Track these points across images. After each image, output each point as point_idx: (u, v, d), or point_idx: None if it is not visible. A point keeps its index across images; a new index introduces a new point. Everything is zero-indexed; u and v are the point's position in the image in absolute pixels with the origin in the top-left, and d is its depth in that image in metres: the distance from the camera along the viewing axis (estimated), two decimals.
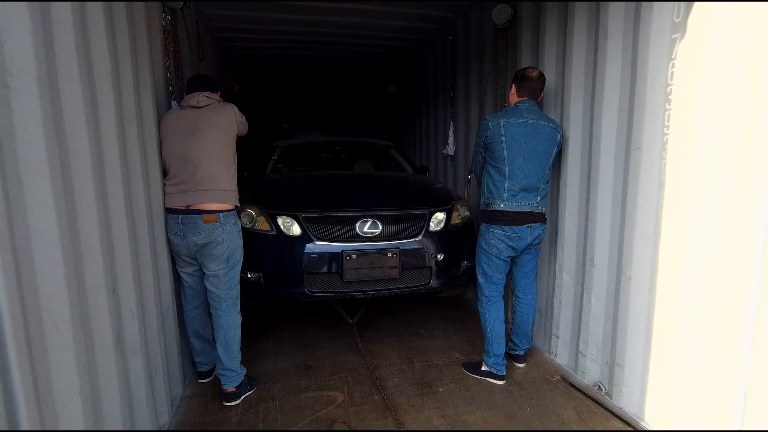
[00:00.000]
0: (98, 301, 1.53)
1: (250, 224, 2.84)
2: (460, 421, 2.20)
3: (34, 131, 1.18)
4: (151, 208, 2.10)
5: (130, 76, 1.88)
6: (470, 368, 2.68)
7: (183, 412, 2.31)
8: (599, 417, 2.22)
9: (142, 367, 1.91)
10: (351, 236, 2.82)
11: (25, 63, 1.16)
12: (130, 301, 1.82)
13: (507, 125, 2.38)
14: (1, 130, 1.06)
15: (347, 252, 2.75)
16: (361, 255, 2.77)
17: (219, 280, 2.30)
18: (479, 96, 3.85)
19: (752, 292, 1.60)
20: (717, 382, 1.76)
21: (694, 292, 1.85)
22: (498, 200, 2.45)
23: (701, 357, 1.83)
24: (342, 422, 2.20)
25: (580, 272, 2.57)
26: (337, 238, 2.81)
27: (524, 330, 2.72)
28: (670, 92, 1.90)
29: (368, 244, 2.82)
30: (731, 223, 1.68)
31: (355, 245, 2.80)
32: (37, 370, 1.19)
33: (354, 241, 2.82)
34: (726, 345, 1.72)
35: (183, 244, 2.26)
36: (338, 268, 2.76)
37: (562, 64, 2.61)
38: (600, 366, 2.44)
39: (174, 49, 2.69)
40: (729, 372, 1.71)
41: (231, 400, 2.35)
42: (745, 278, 1.63)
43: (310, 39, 4.86)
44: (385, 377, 2.65)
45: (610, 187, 2.30)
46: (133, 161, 1.91)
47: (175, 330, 2.38)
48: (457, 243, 3.06)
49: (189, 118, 2.24)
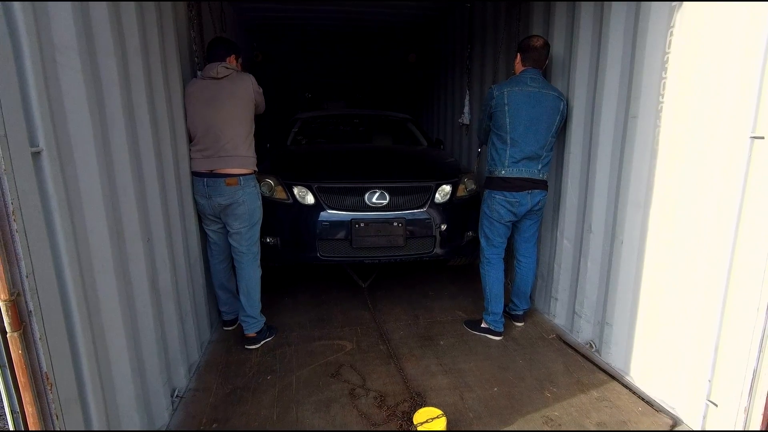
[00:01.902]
0: (136, 248, 1.78)
1: (269, 193, 3.07)
2: (455, 369, 2.41)
3: (79, 100, 1.39)
4: (179, 170, 2.33)
5: (157, 49, 2.07)
6: (471, 325, 2.87)
7: (210, 353, 2.62)
8: (585, 370, 2.38)
9: (174, 311, 2.18)
10: (360, 206, 3.02)
11: (69, 40, 1.35)
12: (163, 252, 2.07)
13: (510, 94, 2.47)
14: (53, 99, 1.27)
15: (356, 220, 2.96)
16: (369, 223, 2.97)
17: (241, 237, 2.55)
18: (494, 65, 3.88)
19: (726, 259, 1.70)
20: (694, 339, 1.89)
21: (679, 257, 1.95)
22: (500, 167, 2.56)
23: (681, 316, 1.95)
24: (349, 366, 2.45)
25: (579, 238, 2.68)
26: (347, 207, 3.01)
27: (524, 291, 2.88)
28: (667, 60, 1.95)
29: (376, 214, 3.01)
30: (716, 192, 1.76)
31: (363, 214, 2.99)
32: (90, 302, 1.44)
33: (363, 210, 3.01)
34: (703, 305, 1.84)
35: (208, 205, 2.50)
36: (348, 235, 2.97)
37: (570, 33, 2.64)
38: (592, 325, 2.59)
39: (197, 21, 2.86)
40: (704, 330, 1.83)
41: (252, 344, 2.65)
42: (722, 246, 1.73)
43: (332, 8, 4.91)
44: (391, 330, 2.88)
45: (609, 155, 2.37)
46: (162, 127, 2.12)
47: (202, 282, 2.66)
48: (462, 214, 3.20)
49: (209, 89, 2.43)
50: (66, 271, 1.29)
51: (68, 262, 1.30)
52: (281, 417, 2.04)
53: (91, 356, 1.39)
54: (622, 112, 2.26)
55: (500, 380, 2.31)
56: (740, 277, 1.67)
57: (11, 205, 1.04)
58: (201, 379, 2.35)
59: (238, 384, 2.30)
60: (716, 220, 1.75)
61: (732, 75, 1.67)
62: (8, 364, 1.12)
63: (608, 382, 2.28)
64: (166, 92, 2.17)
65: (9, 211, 1.03)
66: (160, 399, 1.95)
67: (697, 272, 1.85)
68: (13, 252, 1.06)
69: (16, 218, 1.05)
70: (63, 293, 1.28)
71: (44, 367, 1.14)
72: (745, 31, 1.62)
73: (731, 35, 1.67)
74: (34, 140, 1.17)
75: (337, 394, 2.21)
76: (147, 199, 1.92)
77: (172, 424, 2.00)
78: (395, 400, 2.15)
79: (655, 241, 2.07)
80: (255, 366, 2.47)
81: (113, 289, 1.57)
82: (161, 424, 1.96)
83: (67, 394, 1.24)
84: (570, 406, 2.10)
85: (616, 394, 2.19)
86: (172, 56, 2.30)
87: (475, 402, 2.14)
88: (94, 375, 1.41)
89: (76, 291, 1.33)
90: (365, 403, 2.13)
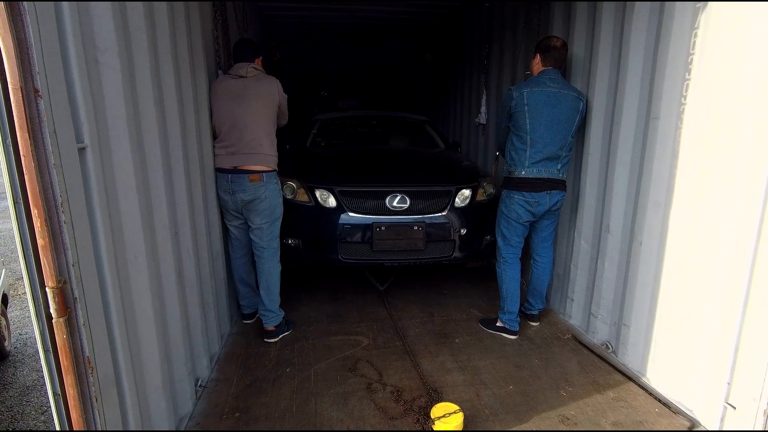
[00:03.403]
0: (164, 240, 1.84)
1: (291, 195, 3.11)
2: (471, 366, 2.44)
3: (117, 99, 1.45)
4: (204, 166, 2.40)
5: (185, 48, 2.13)
6: (486, 324, 2.89)
7: (230, 345, 2.68)
8: (601, 371, 2.39)
9: (197, 302, 2.25)
10: (381, 209, 3.05)
11: (109, 41, 1.41)
12: (188, 245, 2.14)
13: (530, 95, 2.48)
14: (96, 96, 1.34)
15: (377, 224, 2.99)
16: (389, 227, 3.01)
17: (262, 233, 2.61)
18: (513, 65, 3.88)
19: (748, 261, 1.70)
20: (713, 341, 1.89)
21: (699, 258, 1.95)
22: (519, 167, 2.57)
23: (701, 317, 1.95)
24: (366, 361, 2.50)
25: (596, 238, 2.68)
26: (368, 210, 3.05)
27: (540, 291, 2.89)
28: (691, 62, 1.94)
29: (397, 218, 3.04)
30: (738, 194, 1.75)
31: (384, 218, 3.03)
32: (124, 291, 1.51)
33: (384, 214, 3.04)
34: (723, 307, 1.83)
35: (231, 200, 2.56)
36: (368, 238, 3.01)
37: (591, 33, 2.64)
38: (609, 326, 2.59)
39: (222, 21, 2.92)
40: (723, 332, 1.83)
41: (271, 338, 2.71)
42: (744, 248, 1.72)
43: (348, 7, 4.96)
44: (407, 327, 2.92)
45: (629, 155, 2.37)
46: (189, 124, 2.19)
47: (224, 275, 2.73)
48: (481, 218, 3.21)
49: (237, 87, 2.50)
50: (105, 261, 1.35)
51: (107, 253, 1.36)
52: (300, 408, 2.09)
53: (125, 343, 1.46)
54: (643, 112, 2.26)
55: (516, 378, 2.33)
56: (761, 279, 1.67)
57: (60, 197, 1.10)
58: (222, 370, 2.41)
59: (258, 376, 2.36)
60: (738, 222, 1.75)
61: (756, 76, 1.67)
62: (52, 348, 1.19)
63: (624, 383, 2.28)
64: (193, 90, 2.23)
65: (58, 204, 1.10)
66: (185, 387, 2.02)
67: (718, 274, 1.85)
68: (60, 242, 1.12)
69: (64, 210, 1.11)
70: (102, 282, 1.34)
71: (86, 352, 1.20)
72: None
73: (756, 36, 1.67)
74: (80, 137, 1.23)
75: (354, 387, 2.25)
76: (175, 194, 1.99)
77: (196, 412, 2.07)
78: (412, 395, 2.19)
79: (675, 242, 2.07)
80: (274, 359, 2.53)
81: (145, 279, 1.64)
82: (185, 413, 2.02)
83: (106, 378, 1.31)
84: (586, 406, 2.11)
85: (632, 394, 2.19)
86: (199, 55, 2.36)
87: (490, 399, 2.16)
88: (128, 360, 1.47)
89: (113, 280, 1.39)
90: (382, 397, 2.18)
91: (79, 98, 1.23)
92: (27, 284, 1.14)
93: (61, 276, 1.13)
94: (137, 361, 1.61)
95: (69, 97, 1.19)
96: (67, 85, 1.19)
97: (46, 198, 1.08)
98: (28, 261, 1.11)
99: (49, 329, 1.16)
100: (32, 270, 1.11)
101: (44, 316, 1.14)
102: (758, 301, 1.68)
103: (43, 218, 1.08)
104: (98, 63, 1.38)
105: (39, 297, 1.13)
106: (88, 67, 1.30)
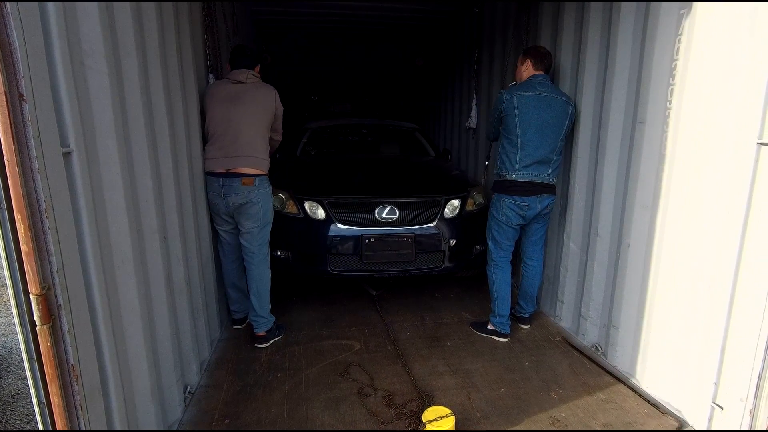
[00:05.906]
0: (153, 246, 1.82)
1: (281, 207, 3.09)
2: (462, 370, 2.44)
3: (104, 102, 1.44)
4: (193, 171, 2.38)
5: (174, 50, 2.11)
6: (477, 327, 2.90)
7: (220, 351, 2.66)
8: (591, 373, 2.41)
9: (186, 307, 2.22)
10: (370, 221, 3.04)
11: (96, 43, 1.40)
12: (177, 250, 2.12)
13: (520, 98, 2.50)
14: (82, 100, 1.32)
15: (366, 236, 2.99)
16: (379, 239, 3.00)
17: (253, 237, 2.59)
18: (502, 69, 3.91)
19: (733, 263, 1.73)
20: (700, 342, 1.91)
21: (685, 260, 1.98)
22: (510, 171, 2.59)
23: (688, 319, 1.98)
24: (357, 365, 2.48)
25: (585, 241, 2.71)
26: (357, 222, 3.04)
27: (530, 294, 2.91)
28: (675, 67, 1.98)
29: (386, 229, 3.04)
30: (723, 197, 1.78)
31: (374, 230, 3.02)
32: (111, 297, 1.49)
33: (373, 225, 3.04)
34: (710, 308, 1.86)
35: (223, 203, 2.54)
36: (358, 250, 3.00)
37: (579, 39, 2.67)
38: (599, 328, 2.61)
39: (212, 25, 2.91)
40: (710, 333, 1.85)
41: (261, 343, 2.68)
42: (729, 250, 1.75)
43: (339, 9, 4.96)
44: (398, 331, 2.91)
45: (616, 160, 2.40)
46: (178, 128, 2.17)
47: (213, 281, 2.71)
48: (471, 229, 3.22)
49: (234, 90, 2.50)
50: (91, 267, 1.33)
51: (93, 259, 1.34)
52: (291, 414, 2.07)
53: (112, 349, 1.43)
54: (630, 116, 2.29)
55: (507, 381, 2.34)
56: (746, 280, 1.70)
57: (44, 202, 1.08)
58: (212, 376, 2.39)
59: (248, 381, 2.34)
60: (723, 224, 1.78)
61: (739, 82, 1.70)
62: (36, 356, 1.16)
63: (614, 384, 2.30)
64: (183, 93, 2.22)
65: (42, 209, 1.08)
66: (173, 394, 1.99)
67: (704, 275, 1.88)
68: (44, 248, 1.10)
69: (48, 215, 1.09)
70: (88, 288, 1.32)
71: (71, 360, 1.18)
72: (751, 37, 1.65)
73: (738, 42, 1.70)
74: (65, 141, 1.21)
75: (345, 392, 2.24)
76: (164, 198, 1.97)
77: (185, 419, 2.04)
78: (403, 399, 2.18)
79: (662, 245, 2.10)
80: (265, 364, 2.51)
81: (133, 285, 1.62)
82: (174, 419, 2.00)
83: (91, 386, 1.28)
84: (576, 408, 2.12)
85: (622, 396, 2.21)
86: (188, 57, 2.35)
87: (482, 402, 2.16)
88: (115, 367, 1.45)
89: (99, 286, 1.37)
90: (374, 401, 2.17)
91: (65, 102, 1.21)
92: (10, 291, 1.11)
93: (45, 283, 1.11)
94: (125, 368, 1.58)
95: (54, 101, 1.18)
96: (52, 89, 1.17)
97: (29, 203, 1.07)
98: (11, 267, 1.09)
99: (33, 337, 1.14)
100: (16, 276, 1.09)
101: (28, 323, 1.12)
102: (743, 302, 1.71)
103: (27, 224, 1.06)
104: (84, 66, 1.36)
105: (23, 304, 1.11)
106: (74, 70, 1.28)
